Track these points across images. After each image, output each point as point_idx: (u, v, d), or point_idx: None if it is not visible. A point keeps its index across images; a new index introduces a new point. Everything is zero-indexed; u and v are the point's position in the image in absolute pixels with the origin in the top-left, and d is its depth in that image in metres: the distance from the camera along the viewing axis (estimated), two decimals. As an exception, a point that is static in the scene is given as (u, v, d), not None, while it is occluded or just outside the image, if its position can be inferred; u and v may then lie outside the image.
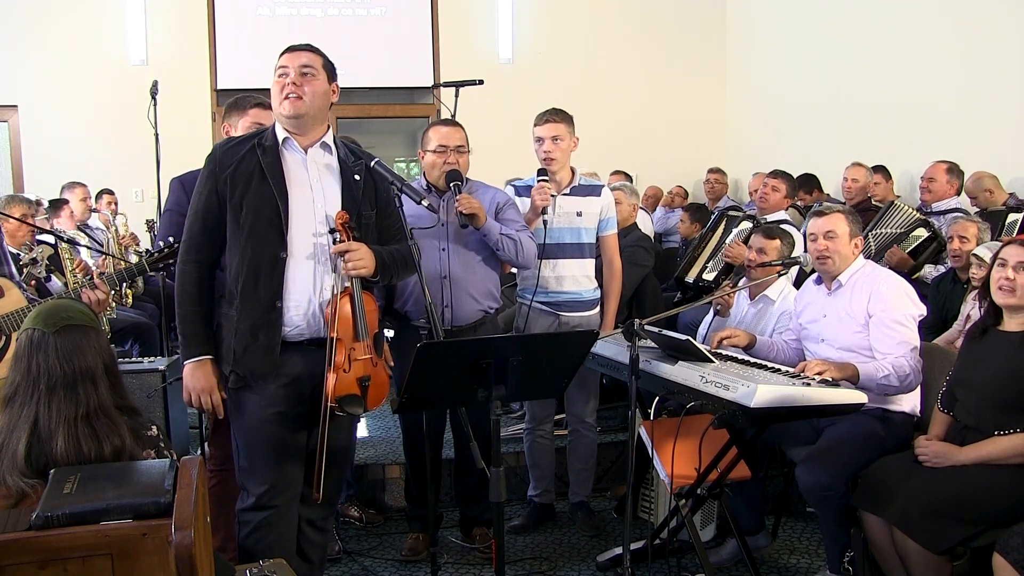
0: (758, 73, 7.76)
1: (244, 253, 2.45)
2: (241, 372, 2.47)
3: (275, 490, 2.51)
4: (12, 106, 7.19)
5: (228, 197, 2.46)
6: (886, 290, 2.99)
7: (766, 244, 3.60)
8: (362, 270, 2.45)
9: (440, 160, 3.24)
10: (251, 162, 2.47)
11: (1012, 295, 2.64)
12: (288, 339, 2.48)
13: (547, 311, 3.53)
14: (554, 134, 3.44)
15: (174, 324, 2.81)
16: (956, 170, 4.73)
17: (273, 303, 2.44)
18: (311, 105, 2.47)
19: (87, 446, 1.81)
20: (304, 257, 2.47)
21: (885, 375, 2.86)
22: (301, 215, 2.47)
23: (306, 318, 2.48)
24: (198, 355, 2.49)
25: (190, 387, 2.50)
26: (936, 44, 5.50)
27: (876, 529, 2.70)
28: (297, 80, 2.46)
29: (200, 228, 2.50)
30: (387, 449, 4.20)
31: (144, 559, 1.57)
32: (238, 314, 2.46)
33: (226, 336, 2.49)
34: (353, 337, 2.45)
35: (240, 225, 2.45)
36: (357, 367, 2.45)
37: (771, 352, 3.25)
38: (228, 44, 7.47)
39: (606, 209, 3.59)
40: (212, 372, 2.50)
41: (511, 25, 7.86)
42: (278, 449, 2.51)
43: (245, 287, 2.44)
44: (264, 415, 2.48)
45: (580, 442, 3.71)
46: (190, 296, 2.50)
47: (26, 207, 4.54)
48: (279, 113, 2.51)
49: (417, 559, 3.40)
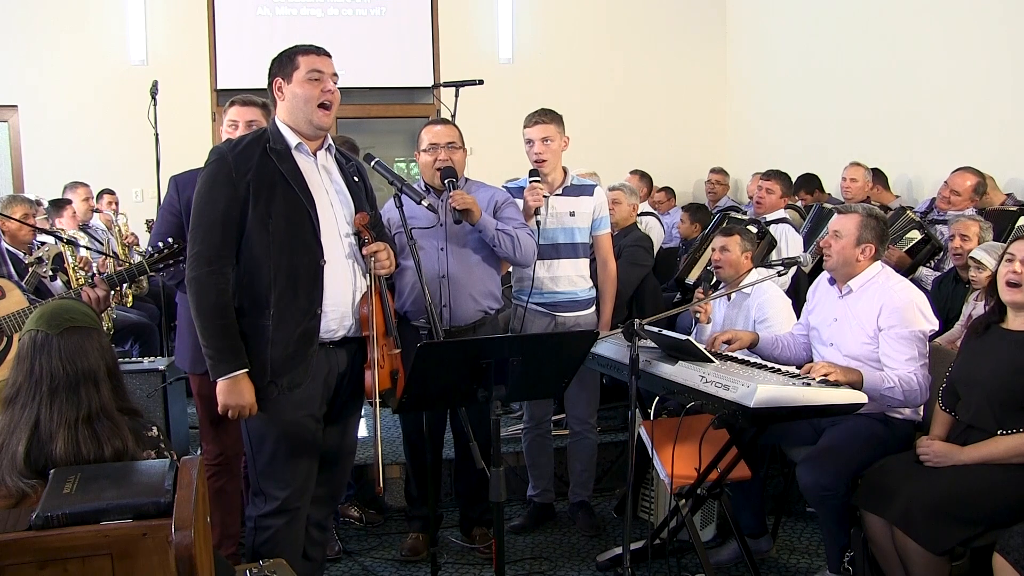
0: (758, 73, 7.76)
1: (279, 263, 2.37)
2: (280, 383, 2.40)
3: (298, 493, 2.50)
4: (12, 106, 7.19)
5: (252, 204, 2.37)
6: (899, 303, 2.93)
7: (726, 241, 3.67)
8: (390, 268, 2.50)
9: (432, 159, 3.24)
10: (268, 168, 2.40)
11: (1020, 290, 2.62)
12: (321, 341, 2.46)
13: (543, 312, 3.52)
14: (544, 135, 3.43)
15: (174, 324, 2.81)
16: (982, 187, 4.56)
17: (314, 311, 2.41)
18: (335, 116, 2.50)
19: (87, 448, 1.81)
20: (338, 261, 2.46)
21: (890, 387, 2.85)
22: (327, 220, 2.45)
23: (340, 321, 2.48)
24: (234, 370, 2.36)
25: (231, 404, 2.36)
26: (936, 44, 5.49)
27: (877, 529, 2.70)
28: (335, 90, 2.45)
29: (221, 238, 2.37)
30: (387, 449, 4.20)
31: (144, 559, 1.57)
32: (274, 324, 2.38)
33: (259, 347, 2.39)
34: (385, 333, 2.50)
35: (271, 234, 2.37)
36: (389, 362, 2.52)
37: (776, 349, 3.23)
38: (228, 44, 7.46)
39: (599, 208, 3.58)
40: (250, 387, 2.38)
41: (511, 25, 7.86)
42: (303, 452, 2.49)
43: (282, 297, 2.38)
44: (295, 419, 2.45)
45: (581, 443, 3.70)
46: (217, 309, 2.36)
47: (27, 207, 4.54)
48: (309, 119, 2.44)
49: (417, 559, 3.40)
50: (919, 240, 4.38)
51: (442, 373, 2.31)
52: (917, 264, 4.40)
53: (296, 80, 2.44)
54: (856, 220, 3.05)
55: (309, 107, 2.43)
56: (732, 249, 3.65)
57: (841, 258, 3.06)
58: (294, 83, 2.44)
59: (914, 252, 4.39)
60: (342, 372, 2.53)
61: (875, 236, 3.05)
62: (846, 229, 3.05)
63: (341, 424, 2.63)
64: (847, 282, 3.08)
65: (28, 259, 4.25)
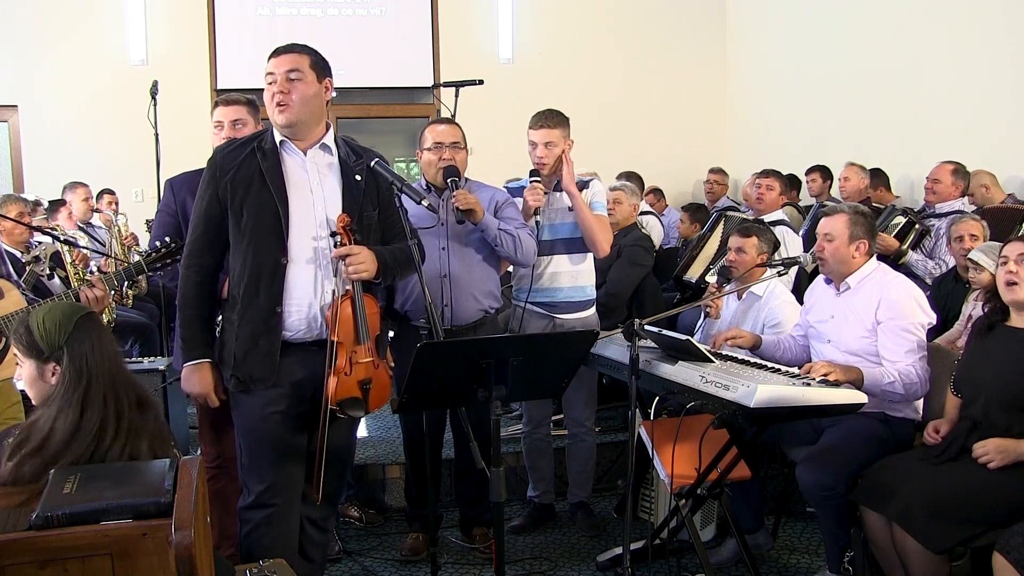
0: (758, 74, 7.76)
1: (245, 258, 2.46)
2: (241, 376, 2.47)
3: (275, 489, 2.52)
4: (12, 106, 7.19)
5: (229, 202, 2.46)
6: (896, 297, 2.95)
7: (744, 242, 3.65)
8: (363, 273, 2.45)
9: (436, 158, 3.24)
10: (251, 166, 2.47)
11: (1019, 288, 2.63)
12: (289, 341, 2.48)
13: (542, 313, 3.52)
14: (547, 140, 3.41)
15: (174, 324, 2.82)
16: (962, 171, 4.69)
17: (273, 308, 2.45)
18: (301, 111, 2.46)
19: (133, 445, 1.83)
20: (304, 261, 2.47)
21: (890, 382, 2.85)
22: (301, 219, 2.47)
23: (307, 322, 2.48)
24: (196, 359, 2.53)
25: (187, 390, 2.57)
26: (937, 44, 5.50)
27: (876, 526, 2.70)
28: (284, 87, 2.44)
29: (202, 233, 2.51)
30: (387, 449, 4.20)
31: (144, 559, 1.57)
32: (239, 318, 2.47)
33: (228, 340, 2.51)
34: (354, 340, 2.45)
35: (241, 230, 2.46)
36: (359, 370, 2.46)
37: (778, 351, 3.24)
38: (228, 44, 7.47)
39: (595, 196, 3.53)
40: (209, 375, 2.52)
41: (511, 25, 7.86)
42: (278, 448, 2.51)
43: (246, 292, 2.45)
44: (264, 414, 2.49)
45: (578, 445, 3.70)
46: (190, 300, 2.53)
47: (22, 206, 4.54)
48: (272, 120, 2.51)
49: (417, 559, 3.40)
50: (904, 223, 4.43)
51: (442, 373, 2.31)
52: (907, 248, 4.43)
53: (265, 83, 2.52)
54: (844, 219, 3.08)
55: (270, 108, 2.50)
56: (749, 251, 3.64)
57: (836, 258, 3.07)
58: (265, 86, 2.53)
59: (902, 236, 4.44)
60: (322, 374, 2.49)
61: (866, 232, 3.08)
62: (837, 230, 3.07)
63: (333, 425, 2.62)
64: (844, 280, 3.09)
65: (25, 258, 4.25)
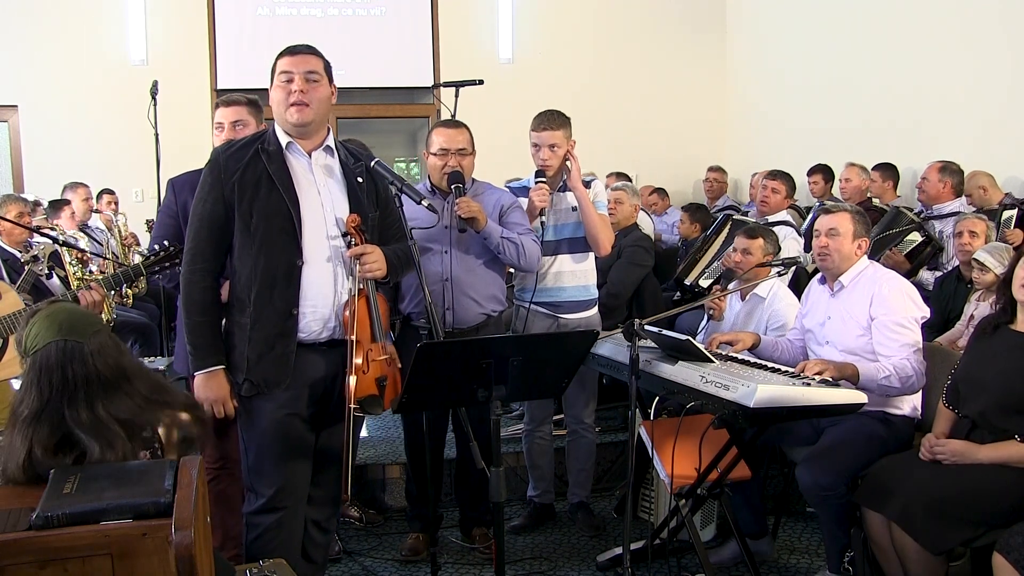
0: (758, 72, 7.75)
1: (257, 262, 2.42)
2: (255, 380, 2.44)
3: (285, 491, 2.50)
4: (12, 106, 7.19)
5: (236, 204, 2.43)
6: (888, 292, 2.98)
7: (750, 244, 3.67)
8: (377, 272, 2.46)
9: (441, 163, 3.23)
10: (257, 168, 2.44)
11: None
12: (303, 343, 2.47)
13: (545, 313, 3.52)
14: (551, 142, 3.40)
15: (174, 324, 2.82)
16: (950, 169, 4.66)
17: (289, 311, 2.43)
18: (318, 112, 2.46)
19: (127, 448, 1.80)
20: (320, 263, 2.46)
21: (886, 375, 2.85)
22: (313, 220, 2.46)
23: (323, 323, 2.47)
24: (210, 366, 2.45)
25: (203, 398, 2.44)
26: (936, 44, 5.49)
27: (876, 526, 2.70)
28: (304, 87, 2.43)
29: (207, 236, 2.46)
30: (387, 449, 4.20)
31: (144, 559, 1.57)
32: (251, 322, 2.43)
33: (238, 344, 2.46)
34: (371, 338, 2.47)
35: (251, 233, 2.42)
36: (375, 368, 2.47)
37: (775, 352, 3.24)
38: (228, 44, 7.46)
39: (594, 196, 3.51)
40: (225, 382, 2.46)
41: (511, 25, 7.86)
42: (290, 451, 2.50)
43: (259, 296, 2.42)
44: (277, 417, 2.47)
45: (579, 443, 3.70)
46: (199, 306, 2.46)
47: (22, 206, 4.54)
48: (285, 120, 2.47)
49: (417, 559, 3.40)
50: (920, 242, 4.38)
51: (442, 373, 2.31)
52: (919, 267, 4.39)
53: (274, 84, 2.49)
54: (850, 216, 3.11)
55: (282, 109, 2.47)
56: (755, 253, 3.66)
57: (840, 255, 3.08)
58: (273, 86, 2.50)
59: (915, 254, 4.39)
60: (334, 374, 2.52)
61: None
62: (843, 226, 3.09)
63: (338, 425, 2.62)
64: (838, 278, 3.10)
65: (24, 257, 4.25)
